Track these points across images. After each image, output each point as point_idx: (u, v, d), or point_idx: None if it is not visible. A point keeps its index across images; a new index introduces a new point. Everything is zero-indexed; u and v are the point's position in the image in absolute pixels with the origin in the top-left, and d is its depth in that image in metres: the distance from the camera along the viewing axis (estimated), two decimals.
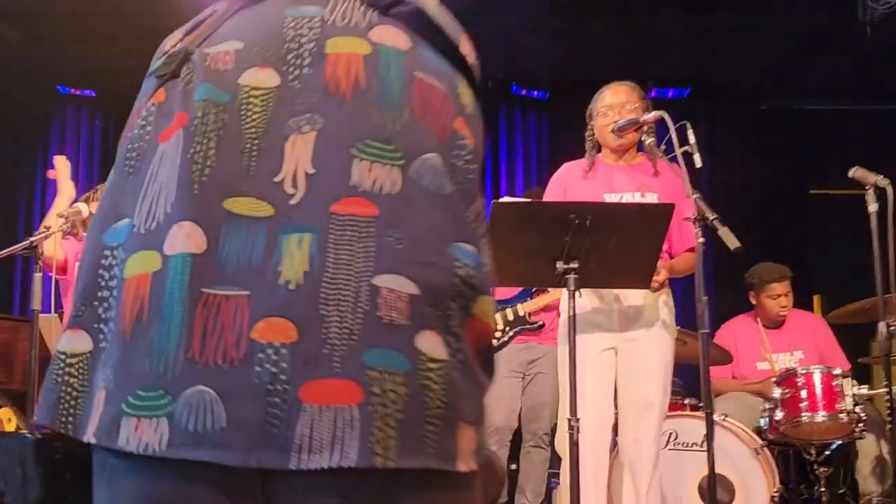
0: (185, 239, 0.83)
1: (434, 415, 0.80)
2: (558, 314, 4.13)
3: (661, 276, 2.80)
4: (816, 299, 6.55)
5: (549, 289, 3.99)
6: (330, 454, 0.77)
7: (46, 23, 5.69)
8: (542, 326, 4.02)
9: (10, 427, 3.54)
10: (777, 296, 4.24)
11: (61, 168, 3.60)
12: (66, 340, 0.88)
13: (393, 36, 0.94)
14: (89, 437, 0.82)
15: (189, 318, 0.81)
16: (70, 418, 0.84)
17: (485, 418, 0.87)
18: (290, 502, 0.80)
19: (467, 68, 0.99)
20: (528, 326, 4.02)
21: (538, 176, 6.35)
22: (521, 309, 4.04)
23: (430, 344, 0.82)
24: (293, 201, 0.84)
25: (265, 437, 0.78)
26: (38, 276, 2.90)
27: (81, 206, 3.33)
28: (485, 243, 0.91)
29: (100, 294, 0.87)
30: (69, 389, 0.85)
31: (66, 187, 3.56)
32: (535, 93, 6.58)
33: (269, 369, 0.79)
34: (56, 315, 3.27)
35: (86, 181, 6.14)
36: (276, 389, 0.78)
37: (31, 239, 2.97)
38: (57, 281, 3.33)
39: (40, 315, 3.11)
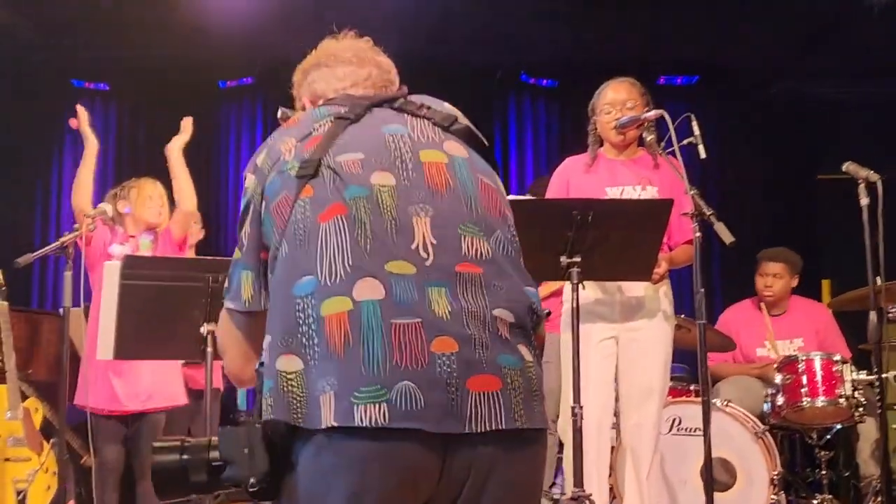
0: (371, 289, 1.26)
1: (535, 395, 1.30)
2: (561, 302, 4.25)
3: (662, 268, 2.89)
4: (825, 284, 6.60)
5: None
6: (489, 421, 1.23)
7: (60, 17, 5.77)
8: (549, 314, 4.08)
9: (38, 416, 3.68)
10: (764, 274, 4.30)
11: (83, 116, 3.72)
12: (282, 363, 1.28)
13: (457, 148, 1.42)
14: (329, 423, 1.21)
15: (388, 339, 1.24)
16: (300, 415, 1.24)
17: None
18: (461, 452, 1.24)
19: (496, 167, 1.46)
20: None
21: (547, 163, 6.42)
22: None
23: (524, 350, 1.31)
24: (427, 263, 1.29)
25: (448, 412, 1.22)
26: (68, 274, 3.03)
27: (106, 206, 3.45)
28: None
29: (301, 329, 1.27)
30: (293, 397, 1.25)
31: (91, 138, 3.70)
32: (545, 81, 6.64)
33: (446, 369, 1.23)
34: (82, 309, 3.39)
35: (100, 174, 6.20)
36: (451, 382, 1.23)
37: (63, 240, 3.09)
38: (87, 276, 3.45)
39: (69, 308, 3.24)
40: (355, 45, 1.63)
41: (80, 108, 3.75)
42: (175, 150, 3.66)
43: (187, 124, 3.72)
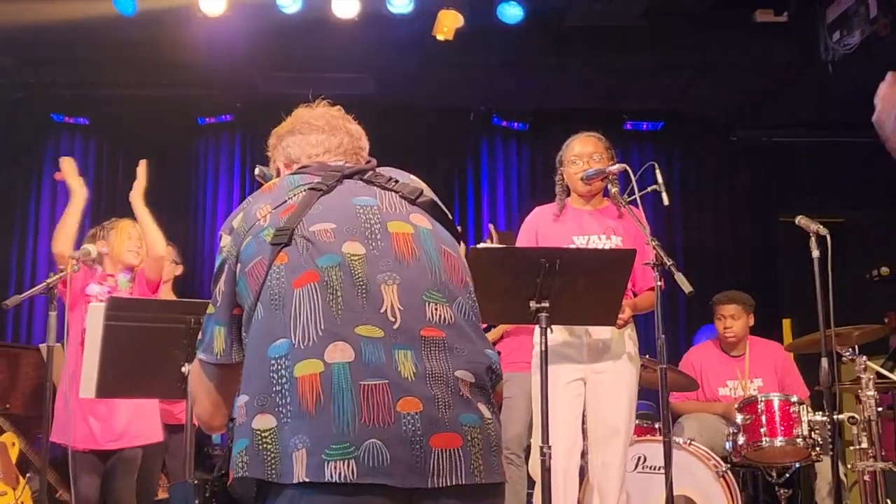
0: (342, 352, 1.35)
1: (493, 450, 1.39)
2: (529, 343, 4.41)
3: (626, 314, 3.03)
4: (786, 323, 6.81)
5: None
6: (449, 477, 1.32)
7: (40, 51, 5.85)
8: (497, 355, 4.28)
9: (15, 451, 3.71)
10: (721, 316, 4.47)
11: (67, 169, 3.72)
12: (258, 421, 1.36)
13: (422, 220, 1.53)
14: (301, 478, 1.29)
15: (356, 399, 1.32)
16: (273, 471, 1.32)
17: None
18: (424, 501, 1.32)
19: (459, 237, 1.57)
20: None
21: (519, 204, 6.59)
22: None
23: (484, 408, 1.40)
24: (395, 327, 1.38)
25: (412, 468, 1.31)
26: (52, 314, 3.10)
27: (90, 247, 3.51)
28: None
29: (275, 388, 1.36)
30: (268, 454, 1.34)
31: (77, 188, 3.67)
32: (516, 124, 6.83)
33: (411, 427, 1.32)
34: (59, 345, 3.45)
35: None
36: (416, 440, 1.32)
37: (48, 281, 3.17)
38: (66, 314, 3.50)
39: (45, 345, 3.30)
40: (328, 114, 1.72)
41: (68, 161, 3.78)
42: (136, 197, 3.68)
43: (141, 170, 3.75)
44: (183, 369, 2.69)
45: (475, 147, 6.81)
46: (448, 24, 5.22)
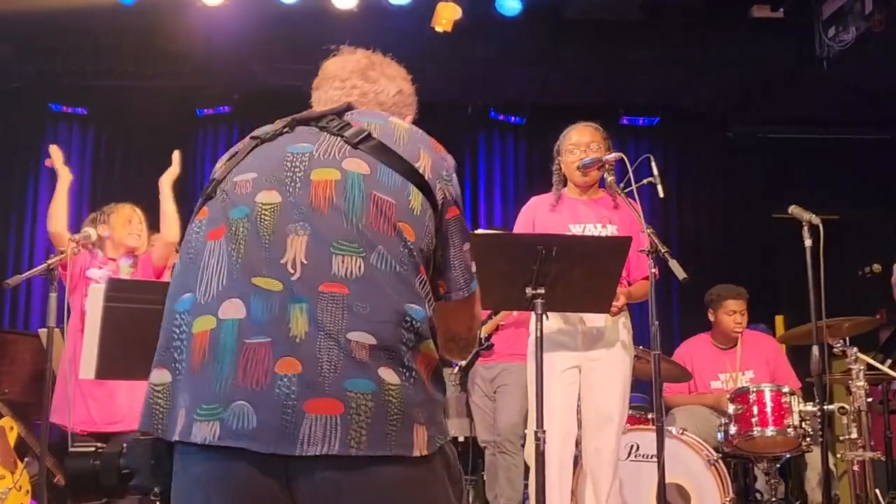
0: (235, 309, 1.29)
1: (393, 419, 1.25)
2: (516, 331, 4.47)
3: (620, 301, 3.07)
4: (779, 319, 6.86)
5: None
6: (321, 445, 1.22)
7: (38, 40, 5.85)
8: (491, 346, 4.38)
9: (13, 435, 3.73)
10: (733, 312, 4.51)
11: (56, 155, 3.83)
12: (154, 375, 1.35)
13: (357, 164, 1.41)
14: (176, 436, 1.27)
15: (235, 359, 1.26)
16: (160, 426, 1.31)
17: (437, 419, 1.32)
18: (303, 477, 1.24)
19: (419, 178, 1.42)
20: (480, 348, 4.38)
21: (515, 198, 6.62)
22: (481, 331, 4.43)
23: (388, 374, 1.27)
24: (294, 278, 1.29)
25: (281, 434, 1.22)
26: (53, 295, 3.12)
27: (90, 230, 3.55)
28: (432, 303, 1.37)
29: (174, 344, 1.34)
30: (158, 408, 1.32)
31: (63, 173, 3.79)
32: (513, 118, 6.86)
33: (284, 391, 1.23)
34: (58, 330, 3.47)
35: (76, 197, 6.28)
36: (289, 404, 1.23)
37: (49, 262, 3.19)
38: (66, 296, 3.52)
39: (43, 330, 3.32)
40: (346, 65, 1.64)
41: (54, 148, 3.87)
42: (166, 183, 3.78)
43: (176, 159, 3.84)
44: None
45: (473, 141, 6.84)
46: (447, 16, 5.25)
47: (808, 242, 3.06)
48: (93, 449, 1.40)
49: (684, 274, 2.77)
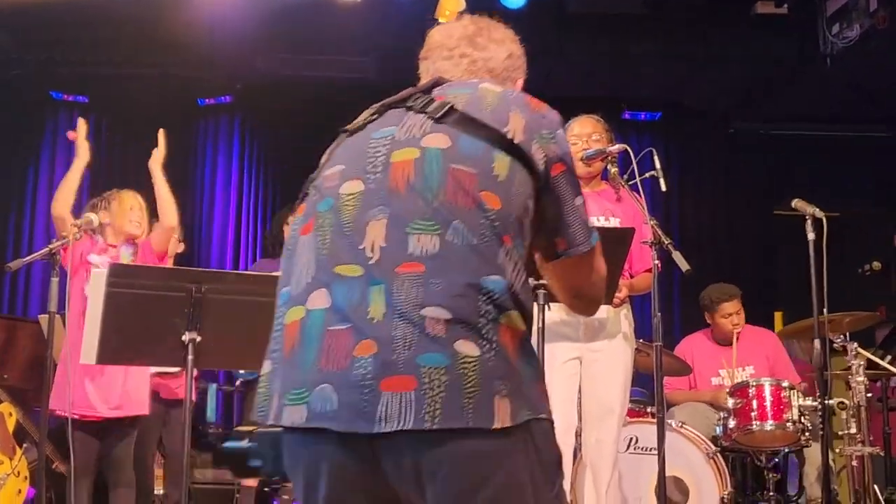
0: (321, 300, 1.35)
1: (470, 392, 1.25)
2: None
3: (623, 293, 3.07)
4: (778, 315, 6.86)
5: None
6: (397, 422, 1.25)
7: (39, 28, 5.81)
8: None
9: (12, 421, 3.73)
10: (728, 314, 4.51)
11: (81, 130, 3.78)
12: (263, 366, 1.42)
13: (437, 140, 1.41)
14: (271, 420, 1.36)
15: (320, 345, 1.32)
16: (264, 413, 1.39)
17: (524, 393, 1.30)
18: (385, 454, 1.29)
19: (507, 143, 1.41)
20: None
21: None
22: None
23: (465, 347, 1.27)
24: (372, 262, 1.33)
25: (360, 413, 1.27)
26: (55, 280, 3.12)
27: (92, 216, 3.53)
28: (519, 273, 1.37)
29: (274, 335, 1.41)
30: (262, 397, 1.40)
31: (83, 151, 3.74)
32: None
33: (361, 372, 1.28)
34: (59, 316, 3.46)
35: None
36: (365, 384, 1.27)
37: (51, 247, 3.18)
38: (67, 282, 3.51)
39: (43, 316, 3.31)
40: (452, 33, 1.61)
41: (81, 121, 3.83)
42: (156, 166, 3.75)
43: (161, 139, 3.81)
44: (184, 338, 2.71)
45: None
46: (450, 7, 5.22)
47: (811, 236, 3.05)
48: (250, 430, 1.47)
49: (688, 266, 2.76)
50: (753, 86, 6.50)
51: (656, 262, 2.87)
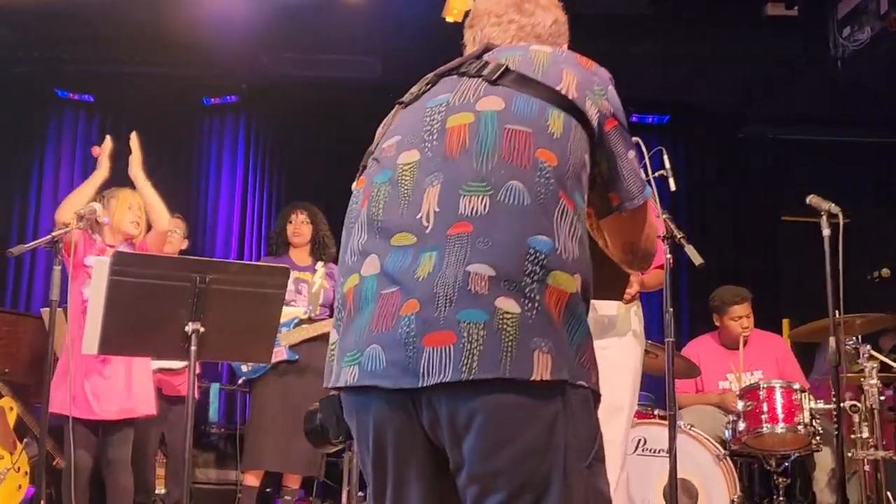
0: (373, 266, 1.39)
1: (508, 345, 1.27)
2: None
3: (634, 289, 3.01)
4: (785, 322, 6.80)
5: None
6: (438, 375, 1.28)
7: (44, 27, 5.80)
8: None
9: (13, 416, 3.68)
10: (738, 317, 4.45)
11: (106, 148, 3.73)
12: (331, 335, 1.48)
13: (492, 102, 1.43)
14: (330, 384, 1.44)
15: (372, 309, 1.37)
16: (330, 377, 1.46)
17: (568, 356, 1.32)
18: (426, 408, 1.33)
19: (562, 99, 1.43)
20: None
21: None
22: None
23: (506, 304, 1.29)
24: (427, 231, 1.36)
25: (405, 370, 1.31)
26: (57, 269, 3.07)
27: (96, 205, 3.49)
28: (573, 232, 1.37)
29: (337, 304, 1.48)
30: (332, 362, 1.45)
31: (104, 168, 3.70)
32: None
33: (406, 330, 1.32)
34: (61, 310, 3.42)
35: (79, 181, 6.27)
36: (409, 341, 1.31)
37: (54, 234, 3.14)
38: (68, 276, 3.46)
39: (46, 310, 3.27)
40: (501, 1, 1.63)
41: (108, 139, 3.80)
42: (136, 171, 3.66)
43: (134, 142, 3.72)
44: (187, 328, 2.66)
45: None
46: (457, 5, 5.19)
47: (826, 232, 3.00)
48: (316, 406, 1.53)
49: (701, 259, 2.71)
50: (762, 87, 6.46)
51: (668, 256, 2.82)
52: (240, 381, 4.63)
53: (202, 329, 2.67)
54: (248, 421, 4.52)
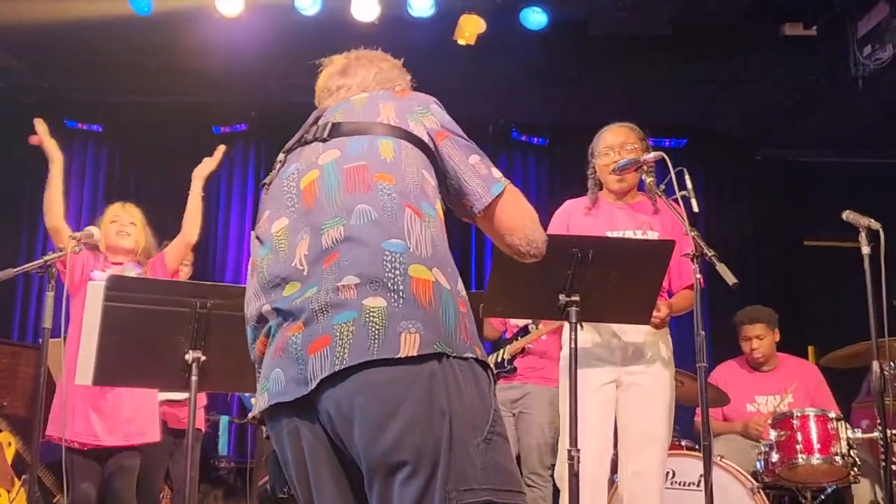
0: (271, 315, 1.57)
1: (375, 333, 1.41)
2: (540, 356, 4.28)
3: (662, 312, 2.84)
4: (811, 350, 6.57)
5: (533, 328, 4.20)
6: (319, 375, 1.43)
7: (54, 57, 5.78)
8: (514, 370, 4.21)
9: (11, 451, 3.53)
10: (747, 338, 4.30)
11: (41, 129, 3.53)
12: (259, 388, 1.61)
13: (330, 154, 1.62)
14: (252, 414, 1.60)
15: (274, 343, 1.54)
16: (254, 411, 1.63)
17: (438, 330, 1.43)
18: (319, 409, 1.46)
19: (385, 128, 1.61)
20: (502, 370, 4.21)
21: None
22: (504, 353, 4.26)
23: (372, 301, 1.44)
24: (305, 273, 1.52)
25: (299, 381, 1.45)
26: (50, 294, 2.94)
27: (93, 229, 3.37)
28: (424, 235, 1.51)
29: (256, 368, 1.63)
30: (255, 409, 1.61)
31: (53, 152, 3.51)
32: (535, 139, 6.69)
33: (294, 347, 1.48)
34: (61, 340, 3.28)
35: (90, 214, 6.20)
36: (299, 356, 1.46)
37: (46, 258, 3.01)
38: (67, 302, 3.32)
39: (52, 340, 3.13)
40: (330, 75, 1.84)
41: (39, 121, 3.57)
42: (199, 175, 3.61)
43: (218, 153, 3.65)
44: (187, 357, 2.52)
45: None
46: (470, 29, 5.11)
47: (865, 250, 2.82)
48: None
49: (734, 279, 2.54)
50: (781, 110, 6.33)
51: (698, 276, 2.65)
52: (250, 415, 4.47)
53: (203, 357, 2.52)
54: (255, 454, 4.36)
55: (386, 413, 1.37)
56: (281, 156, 1.72)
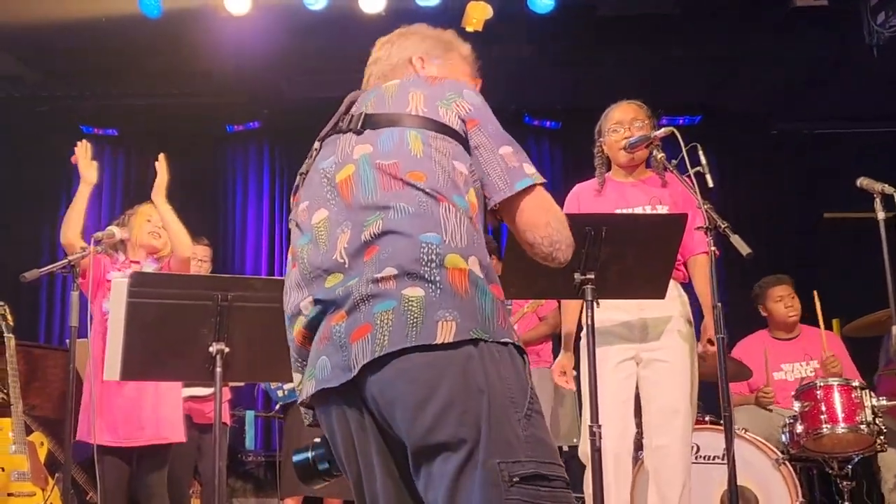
0: (311, 304, 1.59)
1: (413, 321, 1.45)
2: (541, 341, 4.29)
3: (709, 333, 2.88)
4: (835, 323, 6.53)
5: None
6: (361, 361, 1.47)
7: (68, 63, 5.85)
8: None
9: (43, 451, 3.60)
10: (780, 297, 4.31)
11: (82, 153, 3.56)
12: (294, 378, 1.67)
13: (362, 149, 1.63)
14: (301, 399, 1.65)
15: (319, 332, 1.58)
16: (301, 397, 1.66)
17: (475, 317, 1.45)
18: (362, 394, 1.50)
19: (414, 119, 1.61)
20: None
21: None
22: None
23: (411, 290, 1.47)
24: (346, 265, 1.55)
25: (345, 368, 1.50)
26: (74, 294, 2.99)
27: (115, 229, 3.41)
28: (460, 226, 1.53)
29: (291, 354, 1.69)
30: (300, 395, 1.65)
31: (88, 174, 3.53)
32: (548, 123, 6.69)
33: (339, 335, 1.52)
34: (88, 340, 3.34)
35: (108, 218, 6.27)
36: (343, 343, 1.51)
37: (70, 258, 3.05)
38: (87, 305, 3.36)
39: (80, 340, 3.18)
40: (367, 68, 1.83)
41: (83, 143, 3.61)
42: (158, 195, 3.51)
43: (161, 166, 3.58)
44: (211, 349, 2.56)
45: None
46: (477, 15, 5.12)
47: (880, 215, 2.81)
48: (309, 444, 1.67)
49: (748, 249, 2.55)
50: (795, 83, 6.27)
51: (713, 248, 2.66)
52: (276, 408, 4.52)
53: (227, 349, 2.56)
54: (283, 446, 4.40)
55: (424, 395, 1.41)
56: (316, 144, 1.73)
